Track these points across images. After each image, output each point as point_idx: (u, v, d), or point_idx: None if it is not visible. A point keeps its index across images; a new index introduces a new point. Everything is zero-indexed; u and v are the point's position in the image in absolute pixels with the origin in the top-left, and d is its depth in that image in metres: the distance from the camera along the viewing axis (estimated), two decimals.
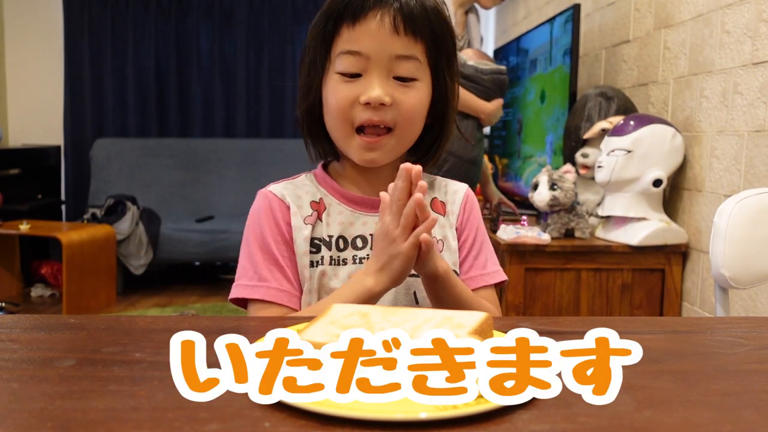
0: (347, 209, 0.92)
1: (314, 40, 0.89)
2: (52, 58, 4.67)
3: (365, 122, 0.85)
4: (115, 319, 0.70)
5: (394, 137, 0.87)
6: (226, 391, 0.48)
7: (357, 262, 0.90)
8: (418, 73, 0.86)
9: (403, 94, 0.85)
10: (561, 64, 2.37)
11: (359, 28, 0.84)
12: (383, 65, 0.84)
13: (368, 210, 0.92)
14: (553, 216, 1.96)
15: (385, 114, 0.85)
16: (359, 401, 0.45)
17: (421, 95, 0.87)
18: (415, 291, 0.89)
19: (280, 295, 0.86)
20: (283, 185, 0.93)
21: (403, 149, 0.90)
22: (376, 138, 0.86)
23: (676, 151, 1.85)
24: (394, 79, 0.85)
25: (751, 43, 1.60)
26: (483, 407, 0.44)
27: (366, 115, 0.85)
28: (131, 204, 3.97)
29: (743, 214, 1.10)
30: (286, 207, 0.90)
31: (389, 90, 0.85)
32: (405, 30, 0.84)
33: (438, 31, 0.87)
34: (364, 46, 0.84)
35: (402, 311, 0.61)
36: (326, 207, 0.92)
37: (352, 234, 0.91)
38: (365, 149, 0.87)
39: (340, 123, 0.87)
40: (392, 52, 0.84)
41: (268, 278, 0.87)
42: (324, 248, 0.90)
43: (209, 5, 4.67)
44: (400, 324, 0.57)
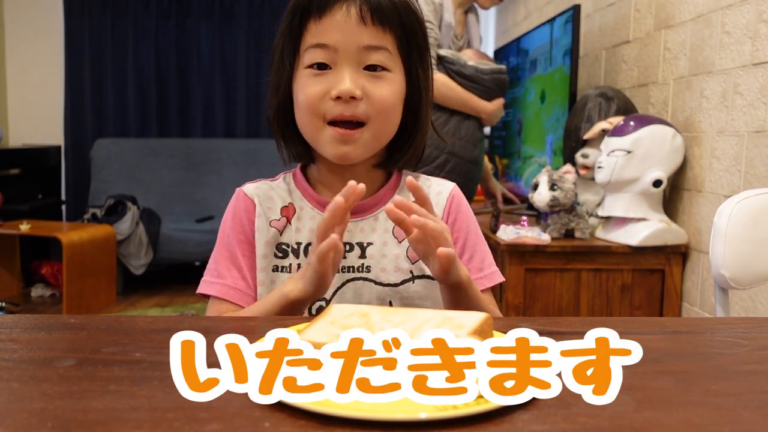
0: (319, 214, 0.89)
1: (282, 36, 0.87)
2: (52, 58, 4.67)
3: (336, 117, 0.83)
4: (115, 319, 0.70)
5: (368, 131, 0.84)
6: (226, 391, 0.48)
7: None
8: (389, 64, 0.84)
9: (375, 86, 0.83)
10: (561, 65, 2.37)
11: (326, 21, 0.82)
12: (352, 57, 0.82)
13: None
14: (553, 216, 1.96)
15: (357, 107, 0.82)
16: (359, 401, 0.45)
17: (393, 87, 0.85)
18: (390, 300, 0.88)
19: (232, 293, 0.87)
20: (257, 185, 0.93)
21: (378, 144, 0.87)
22: (350, 131, 0.83)
23: (676, 151, 1.85)
24: (364, 70, 0.83)
25: (751, 43, 1.60)
26: (483, 407, 0.44)
27: (337, 109, 0.82)
28: (131, 204, 3.97)
29: (743, 214, 1.10)
30: (253, 207, 0.90)
31: (360, 82, 0.82)
32: (372, 20, 0.82)
33: (407, 24, 0.85)
34: (332, 38, 0.82)
35: (402, 311, 0.61)
36: (296, 211, 0.90)
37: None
38: (338, 141, 0.84)
39: (311, 118, 0.84)
40: (360, 42, 0.82)
41: (225, 275, 0.88)
42: (292, 255, 0.88)
43: (209, 5, 4.67)
44: (400, 324, 0.57)
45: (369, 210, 0.91)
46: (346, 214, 0.74)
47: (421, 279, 0.89)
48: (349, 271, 0.89)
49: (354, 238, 0.89)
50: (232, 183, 0.96)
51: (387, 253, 0.89)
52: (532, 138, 2.79)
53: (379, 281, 0.88)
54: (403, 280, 0.88)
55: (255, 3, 4.68)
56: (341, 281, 0.88)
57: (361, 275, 0.88)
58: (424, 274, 0.89)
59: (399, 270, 0.88)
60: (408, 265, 0.89)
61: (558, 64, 2.41)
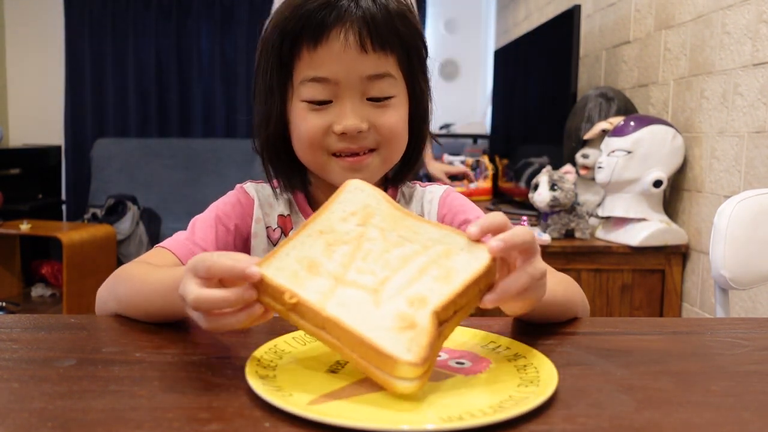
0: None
1: (268, 62, 0.79)
2: (52, 58, 4.67)
3: (343, 151, 0.78)
4: (115, 319, 0.70)
5: (378, 156, 0.80)
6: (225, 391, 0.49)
7: None
8: (393, 90, 0.79)
9: (381, 115, 0.78)
10: (561, 65, 2.37)
11: (322, 51, 0.75)
12: (354, 89, 0.76)
13: None
14: (553, 216, 1.96)
15: (365, 140, 0.78)
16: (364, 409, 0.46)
17: (400, 112, 0.80)
18: None
19: (184, 251, 0.79)
20: (259, 187, 0.89)
21: (388, 167, 0.83)
22: (359, 157, 0.78)
23: (677, 151, 1.85)
24: (368, 100, 0.77)
25: (751, 44, 1.60)
26: (490, 419, 0.44)
27: (342, 144, 0.77)
28: (132, 204, 3.97)
29: (743, 214, 1.10)
30: (251, 207, 0.87)
31: (365, 114, 0.77)
32: (373, 46, 0.75)
33: (407, 38, 0.79)
34: (331, 71, 0.75)
35: (408, 229, 0.56)
36: (293, 226, 0.87)
37: None
38: (348, 170, 0.78)
39: (314, 152, 0.79)
40: (362, 73, 0.76)
41: (190, 235, 0.82)
42: None
43: (210, 5, 4.67)
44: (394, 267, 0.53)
45: None
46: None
47: None
48: None
49: None
50: (232, 183, 0.94)
51: None
52: (532, 138, 2.79)
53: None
54: None
55: (255, 3, 4.68)
56: None
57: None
58: None
59: None
60: None
61: (558, 65, 2.41)
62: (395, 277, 0.52)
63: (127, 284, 0.71)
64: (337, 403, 0.48)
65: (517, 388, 0.51)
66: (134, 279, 0.70)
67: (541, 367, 0.54)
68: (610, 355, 0.60)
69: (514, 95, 3.19)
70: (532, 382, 0.51)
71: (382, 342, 0.47)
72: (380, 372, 0.47)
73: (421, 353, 0.46)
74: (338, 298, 0.50)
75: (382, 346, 0.46)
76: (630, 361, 0.58)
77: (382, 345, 0.46)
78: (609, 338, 0.65)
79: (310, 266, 0.53)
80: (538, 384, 0.50)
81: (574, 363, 0.58)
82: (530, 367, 0.55)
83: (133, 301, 0.68)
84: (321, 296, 0.50)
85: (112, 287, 0.73)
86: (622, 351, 0.61)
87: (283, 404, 0.45)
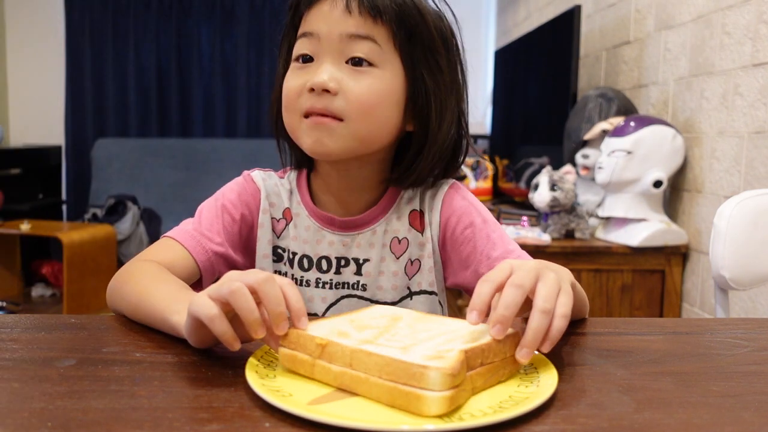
0: (314, 224, 0.86)
1: (283, 35, 0.84)
2: (53, 58, 4.67)
3: (308, 109, 0.77)
4: (116, 319, 0.70)
5: (346, 128, 0.76)
6: (225, 391, 0.49)
7: (320, 286, 0.85)
8: (376, 58, 0.77)
9: (355, 81, 0.76)
10: (561, 65, 2.37)
11: (314, 11, 0.78)
12: (334, 47, 0.76)
13: (335, 228, 0.85)
14: (553, 217, 1.96)
15: (331, 102, 0.75)
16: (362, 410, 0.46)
17: (378, 84, 0.77)
18: None
19: (193, 243, 0.81)
20: (266, 176, 0.89)
21: (361, 144, 0.78)
22: (323, 117, 0.76)
23: (677, 152, 1.85)
24: (348, 64, 0.77)
25: (751, 44, 1.60)
26: (489, 419, 0.44)
27: (309, 102, 0.76)
28: (132, 204, 3.97)
29: (743, 215, 1.10)
30: (258, 197, 0.87)
31: (339, 77, 0.76)
32: (360, 10, 0.76)
33: (408, 19, 0.78)
34: (315, 27, 0.77)
35: (430, 327, 0.57)
36: (293, 218, 0.87)
37: (317, 253, 0.85)
38: (312, 130, 0.77)
39: (290, 114, 0.80)
40: (343, 30, 0.76)
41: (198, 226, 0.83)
42: (287, 264, 0.86)
43: (210, 5, 4.67)
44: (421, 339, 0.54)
45: (366, 224, 0.86)
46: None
47: (419, 295, 0.86)
48: (344, 287, 0.85)
49: (350, 253, 0.85)
50: None
51: (384, 269, 0.85)
52: (532, 138, 2.79)
53: (376, 299, 0.85)
54: (401, 298, 0.85)
55: (256, 3, 4.68)
56: (336, 297, 0.85)
57: (356, 293, 0.85)
58: (422, 290, 0.86)
59: (396, 288, 0.85)
60: (405, 282, 0.85)
61: (558, 65, 2.41)
62: (424, 343, 0.52)
63: (132, 294, 0.70)
64: (337, 403, 0.48)
65: (517, 388, 0.51)
66: (139, 287, 0.70)
67: (541, 367, 0.54)
68: (610, 355, 0.60)
69: (514, 95, 3.19)
70: (532, 382, 0.51)
71: (412, 359, 0.47)
72: (408, 388, 0.46)
73: (452, 363, 0.46)
74: (369, 347, 0.50)
75: (412, 361, 0.47)
76: (630, 362, 0.58)
77: (413, 360, 0.47)
78: (609, 338, 0.65)
79: (341, 333, 0.54)
80: (538, 384, 0.51)
81: (574, 363, 0.58)
82: (530, 367, 0.55)
83: (136, 316, 0.69)
84: (352, 342, 0.52)
85: (120, 289, 0.73)
86: (622, 351, 0.61)
87: (283, 404, 0.45)
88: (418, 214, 0.86)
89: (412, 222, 0.86)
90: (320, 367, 0.51)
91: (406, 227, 0.86)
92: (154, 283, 0.70)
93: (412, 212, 0.86)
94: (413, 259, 0.85)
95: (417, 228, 0.86)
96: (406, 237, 0.86)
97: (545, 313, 0.53)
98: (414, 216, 0.86)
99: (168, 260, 0.78)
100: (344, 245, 0.85)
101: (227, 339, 0.52)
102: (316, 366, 0.51)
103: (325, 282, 0.85)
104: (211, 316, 0.52)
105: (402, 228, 0.86)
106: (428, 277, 0.86)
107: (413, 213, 0.86)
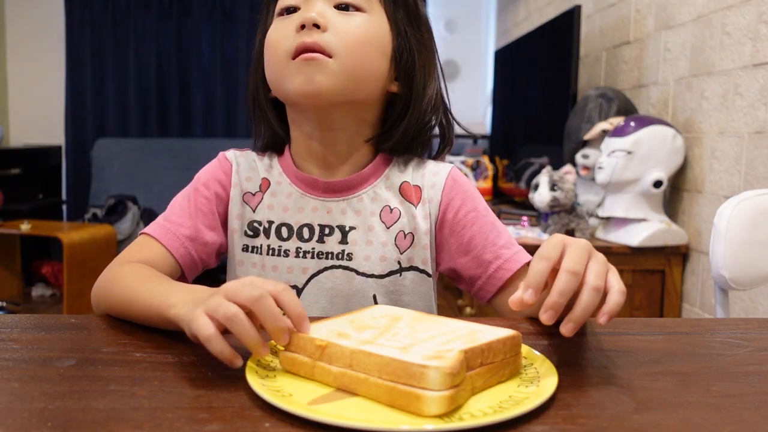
0: (297, 191, 0.83)
1: (264, 5, 0.84)
2: (53, 58, 4.67)
3: (299, 47, 0.75)
4: (116, 319, 0.70)
5: (336, 63, 0.75)
6: (225, 391, 0.49)
7: (300, 255, 0.80)
8: (363, 4, 0.78)
9: (344, 20, 0.77)
10: (561, 65, 2.37)
11: None
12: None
13: (318, 193, 0.82)
14: (553, 217, 1.96)
15: (321, 36, 0.75)
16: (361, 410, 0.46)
17: (366, 24, 0.78)
18: (374, 294, 0.80)
19: (163, 233, 0.81)
20: (243, 153, 0.88)
21: (351, 81, 0.77)
22: (313, 53, 0.75)
23: (677, 152, 1.85)
24: (335, 8, 0.77)
25: (751, 44, 1.60)
26: (490, 419, 0.44)
27: (299, 40, 0.75)
28: (132, 204, 3.97)
29: (743, 215, 1.10)
30: (229, 172, 0.85)
31: (328, 16, 0.76)
32: None
33: None
34: None
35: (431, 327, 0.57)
36: (271, 185, 0.84)
37: (299, 221, 0.82)
38: (302, 66, 0.75)
39: (275, 59, 0.77)
40: None
41: (172, 220, 0.83)
42: (263, 235, 0.82)
43: (210, 5, 4.67)
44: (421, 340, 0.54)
45: (352, 189, 0.82)
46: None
47: (410, 271, 0.81)
48: (327, 257, 0.80)
49: (334, 220, 0.81)
50: None
51: (372, 239, 0.80)
52: (533, 138, 2.79)
53: (362, 271, 0.80)
54: (389, 272, 0.80)
55: (256, 3, 4.68)
56: (318, 268, 0.80)
57: (341, 263, 0.80)
58: (413, 266, 0.81)
59: (385, 260, 0.80)
60: (396, 255, 0.81)
61: (558, 65, 2.41)
62: (423, 343, 0.52)
63: (121, 296, 0.69)
64: (337, 403, 0.48)
65: (517, 388, 0.51)
66: (126, 290, 0.69)
67: (541, 367, 0.54)
68: (610, 355, 0.60)
69: (514, 96, 3.19)
70: (532, 382, 0.51)
71: (412, 359, 0.47)
72: (408, 388, 0.46)
73: (452, 363, 0.46)
74: (369, 348, 0.50)
75: (412, 360, 0.47)
76: (630, 362, 0.58)
77: (413, 360, 0.47)
78: (609, 338, 0.65)
79: (340, 335, 0.54)
80: (538, 384, 0.50)
81: (574, 363, 0.58)
82: (530, 367, 0.55)
83: (128, 317, 0.68)
84: (352, 343, 0.52)
85: (106, 294, 0.72)
86: (622, 351, 0.61)
87: (283, 404, 0.45)
88: (411, 188, 0.83)
89: (405, 194, 0.83)
90: (320, 368, 0.51)
91: (399, 198, 0.83)
92: (142, 283, 0.69)
93: (403, 183, 0.84)
94: (406, 233, 0.82)
95: (410, 200, 0.83)
96: (398, 208, 0.82)
97: (596, 291, 0.55)
98: (406, 188, 0.83)
99: (146, 258, 0.78)
100: (328, 212, 0.82)
101: (226, 357, 0.51)
102: (316, 368, 0.51)
103: (306, 251, 0.80)
104: (208, 336, 0.51)
105: (393, 198, 0.83)
106: (422, 254, 0.82)
107: (405, 184, 0.84)
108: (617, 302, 0.55)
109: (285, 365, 0.53)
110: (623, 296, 0.56)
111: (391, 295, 0.81)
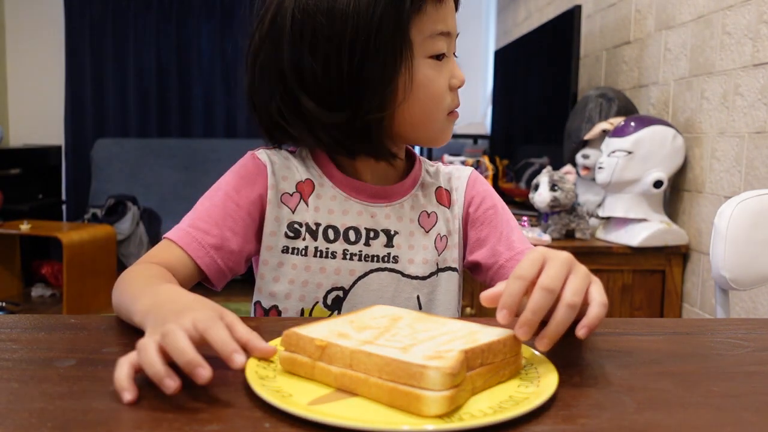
0: (341, 194, 0.83)
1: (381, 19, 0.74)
2: (53, 58, 4.67)
3: (454, 107, 0.83)
4: (116, 319, 0.70)
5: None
6: (225, 391, 0.48)
7: (347, 258, 0.81)
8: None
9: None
10: (562, 65, 2.37)
11: (443, 8, 0.79)
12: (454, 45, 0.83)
13: (365, 198, 0.84)
14: (553, 217, 1.96)
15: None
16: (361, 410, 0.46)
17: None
18: (418, 296, 0.84)
19: (188, 241, 0.77)
20: (273, 152, 0.85)
21: None
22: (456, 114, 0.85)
23: (677, 152, 1.85)
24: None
25: (752, 44, 1.60)
26: (490, 419, 0.44)
27: (456, 99, 0.83)
28: (132, 204, 3.97)
29: (744, 215, 1.10)
30: (265, 174, 0.82)
31: None
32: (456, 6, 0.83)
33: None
34: (451, 25, 0.81)
35: (431, 327, 0.58)
36: (315, 188, 0.83)
37: (344, 224, 0.82)
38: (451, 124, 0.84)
39: (437, 112, 0.81)
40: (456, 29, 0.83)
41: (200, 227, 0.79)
42: (308, 237, 0.81)
43: (210, 5, 4.67)
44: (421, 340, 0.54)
45: (394, 196, 0.86)
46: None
47: (445, 271, 0.86)
48: (374, 260, 0.82)
49: (379, 224, 0.83)
50: None
51: (414, 243, 0.84)
52: (533, 138, 2.79)
53: (407, 273, 0.83)
54: (430, 273, 0.84)
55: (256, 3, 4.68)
56: (365, 270, 0.82)
57: (387, 266, 0.82)
58: (447, 266, 0.87)
59: (427, 262, 0.84)
60: (435, 257, 0.85)
61: (558, 65, 2.41)
62: (423, 343, 0.52)
63: (124, 297, 0.68)
64: (337, 403, 0.48)
65: (517, 388, 0.51)
66: (125, 295, 0.67)
67: (541, 367, 0.54)
68: (610, 355, 0.60)
69: (514, 95, 3.19)
70: (532, 382, 0.51)
71: (412, 359, 0.47)
72: (408, 388, 0.46)
73: (452, 363, 0.46)
74: (369, 348, 0.50)
75: (412, 360, 0.47)
76: (630, 362, 0.58)
77: (413, 360, 0.47)
78: (609, 338, 0.65)
79: (340, 335, 0.54)
80: (538, 384, 0.50)
81: (574, 363, 0.58)
82: (530, 367, 0.55)
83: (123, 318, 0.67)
84: (352, 343, 0.52)
85: (115, 294, 0.71)
86: (622, 351, 0.61)
87: (283, 404, 0.45)
88: (444, 191, 0.90)
89: (439, 198, 0.89)
90: (320, 368, 0.51)
91: (434, 203, 0.88)
92: (140, 284, 0.68)
93: (438, 189, 0.90)
94: (442, 235, 0.87)
95: (444, 204, 0.89)
96: (434, 212, 0.87)
97: (571, 308, 0.53)
98: (440, 192, 0.89)
99: (167, 262, 0.76)
100: (372, 216, 0.83)
101: (167, 387, 0.47)
102: (316, 368, 0.51)
103: (354, 254, 0.81)
104: (155, 372, 0.48)
105: (429, 204, 0.88)
106: (453, 253, 0.87)
107: (439, 189, 0.90)
108: (597, 315, 0.54)
109: (285, 365, 0.53)
110: (604, 309, 0.54)
111: (429, 295, 0.85)
